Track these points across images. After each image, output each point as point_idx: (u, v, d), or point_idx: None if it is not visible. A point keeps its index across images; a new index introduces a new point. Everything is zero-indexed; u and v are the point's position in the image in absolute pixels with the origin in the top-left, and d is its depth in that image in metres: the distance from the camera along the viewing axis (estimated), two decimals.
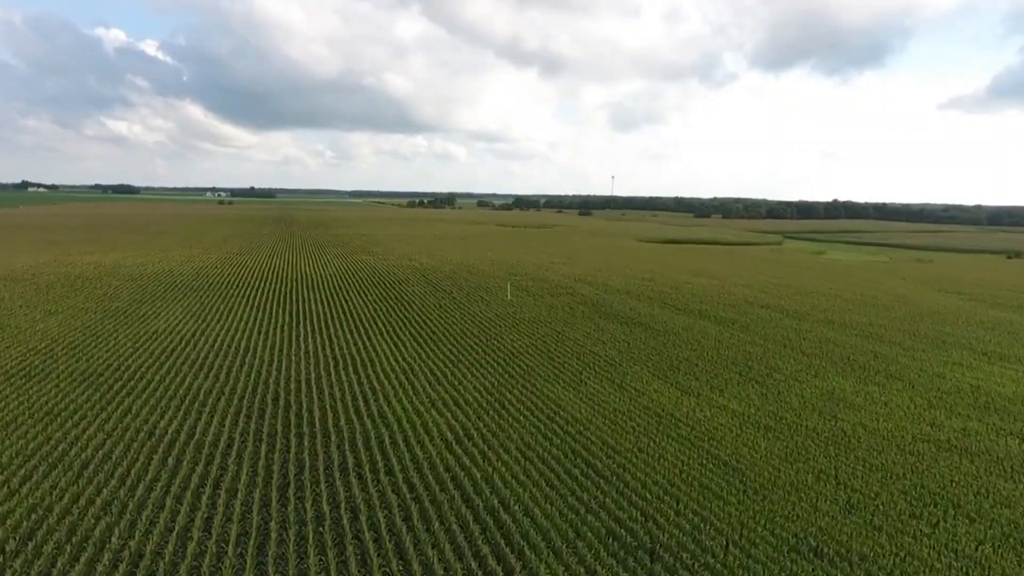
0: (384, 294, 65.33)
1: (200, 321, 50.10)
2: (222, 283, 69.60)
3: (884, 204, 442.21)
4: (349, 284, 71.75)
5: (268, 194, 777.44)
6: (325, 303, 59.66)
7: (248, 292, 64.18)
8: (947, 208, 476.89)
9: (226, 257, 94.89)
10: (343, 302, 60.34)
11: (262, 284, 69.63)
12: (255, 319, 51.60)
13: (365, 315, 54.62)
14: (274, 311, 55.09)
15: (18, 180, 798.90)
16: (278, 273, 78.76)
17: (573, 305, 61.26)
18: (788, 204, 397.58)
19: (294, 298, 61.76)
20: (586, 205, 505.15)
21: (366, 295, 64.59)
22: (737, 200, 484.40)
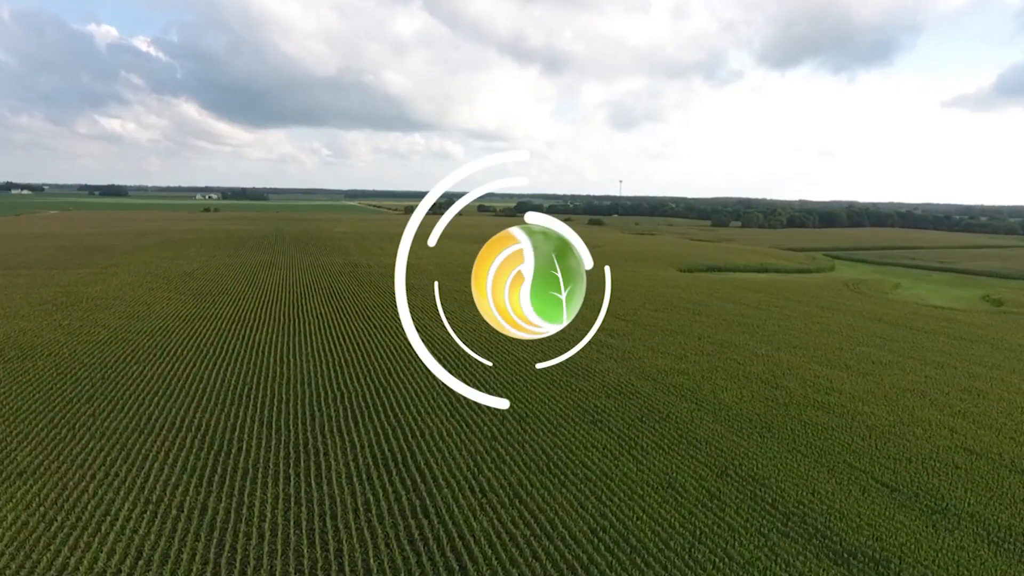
0: (378, 432, 40.66)
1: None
2: (125, 411, 44.89)
3: (908, 211, 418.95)
4: (326, 392, 47.01)
5: (260, 196, 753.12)
6: (283, 461, 35.01)
7: (160, 436, 39.46)
8: (971, 212, 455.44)
9: (163, 335, 69.92)
10: (310, 455, 35.68)
11: (191, 414, 44.76)
12: (139, 558, 26.97)
13: (342, 496, 30.04)
14: (186, 507, 30.45)
15: (3, 181, 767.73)
16: (220, 373, 53.85)
17: (699, 496, 36.61)
18: (809, 212, 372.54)
19: (231, 455, 37.06)
20: (591, 209, 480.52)
21: (349, 431, 39.92)
22: (745, 203, 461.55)
